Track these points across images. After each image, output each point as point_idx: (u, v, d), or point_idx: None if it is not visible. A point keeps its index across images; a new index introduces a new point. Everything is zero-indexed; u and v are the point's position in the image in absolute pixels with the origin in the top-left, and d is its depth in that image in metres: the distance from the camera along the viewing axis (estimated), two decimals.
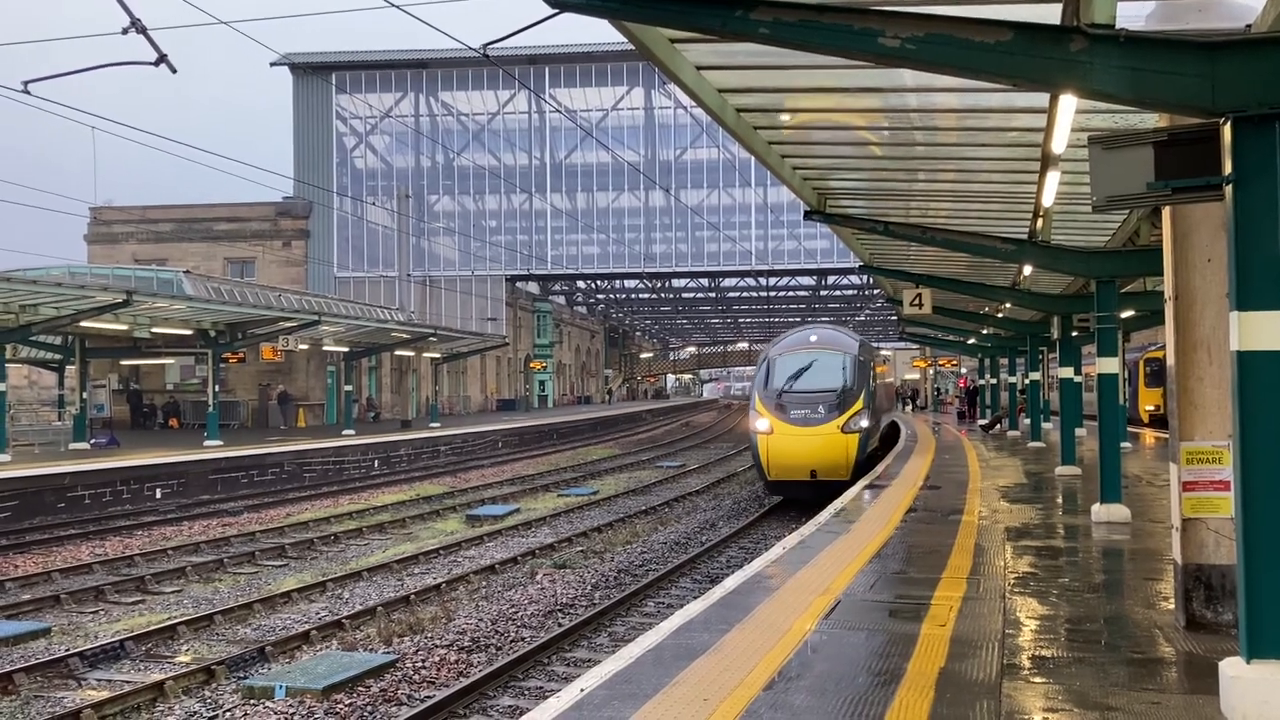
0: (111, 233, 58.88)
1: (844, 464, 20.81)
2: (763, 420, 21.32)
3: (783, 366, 22.42)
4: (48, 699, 9.76)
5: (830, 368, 22.11)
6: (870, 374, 23.06)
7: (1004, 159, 11.87)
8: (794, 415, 21.11)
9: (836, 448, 20.84)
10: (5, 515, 20.66)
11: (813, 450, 20.75)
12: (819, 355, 22.57)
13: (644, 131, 62.14)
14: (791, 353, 22.99)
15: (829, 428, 20.96)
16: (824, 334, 24.21)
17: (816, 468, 20.77)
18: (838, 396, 21.42)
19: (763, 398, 21.80)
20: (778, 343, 24.11)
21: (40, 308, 25.42)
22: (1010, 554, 10.02)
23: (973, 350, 44.30)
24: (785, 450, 20.95)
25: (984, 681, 5.68)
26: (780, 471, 21.14)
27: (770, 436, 21.04)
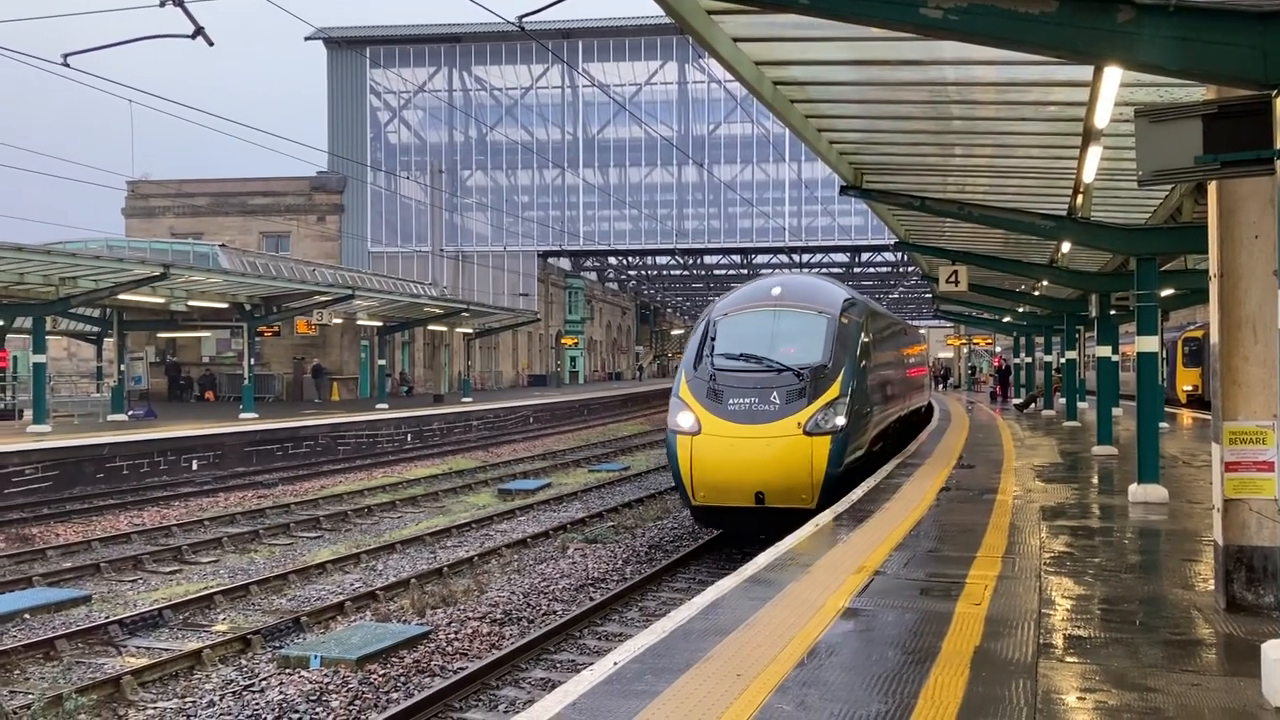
0: (149, 206, 59.37)
1: (805, 482, 13.34)
2: (685, 414, 13.93)
3: (727, 333, 14.78)
4: (88, 665, 9.91)
5: (797, 334, 14.58)
6: (862, 346, 15.33)
7: (1043, 133, 11.69)
8: (733, 407, 13.78)
9: (794, 457, 13.40)
10: (46, 485, 20.98)
11: (758, 460, 13.41)
12: (782, 315, 14.85)
13: (677, 106, 61.79)
14: (742, 311, 15.18)
15: (784, 426, 13.50)
16: (794, 284, 16.04)
17: (765, 488, 13.39)
18: (803, 378, 13.87)
19: (690, 381, 14.30)
20: (726, 297, 16.26)
21: (79, 280, 25.70)
22: (1045, 533, 9.94)
23: (1008, 328, 43.92)
24: (717, 460, 13.57)
25: (1020, 661, 5.63)
26: (710, 493, 13.72)
27: (696, 440, 13.68)
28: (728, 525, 14.58)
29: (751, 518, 13.74)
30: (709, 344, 14.69)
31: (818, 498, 13.23)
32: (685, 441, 13.72)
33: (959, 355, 70.53)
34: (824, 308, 15.00)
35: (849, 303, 15.68)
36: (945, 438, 21.71)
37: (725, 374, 14.12)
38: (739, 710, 4.85)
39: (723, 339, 14.72)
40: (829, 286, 16.53)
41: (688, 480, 13.78)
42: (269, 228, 59.11)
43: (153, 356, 43.60)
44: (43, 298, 26.31)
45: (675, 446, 13.83)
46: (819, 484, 13.34)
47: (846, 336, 14.71)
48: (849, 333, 14.88)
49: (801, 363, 14.09)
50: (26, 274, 24.30)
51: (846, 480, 13.89)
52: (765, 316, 14.86)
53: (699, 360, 14.53)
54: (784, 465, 13.31)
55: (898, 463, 16.54)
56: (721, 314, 15.24)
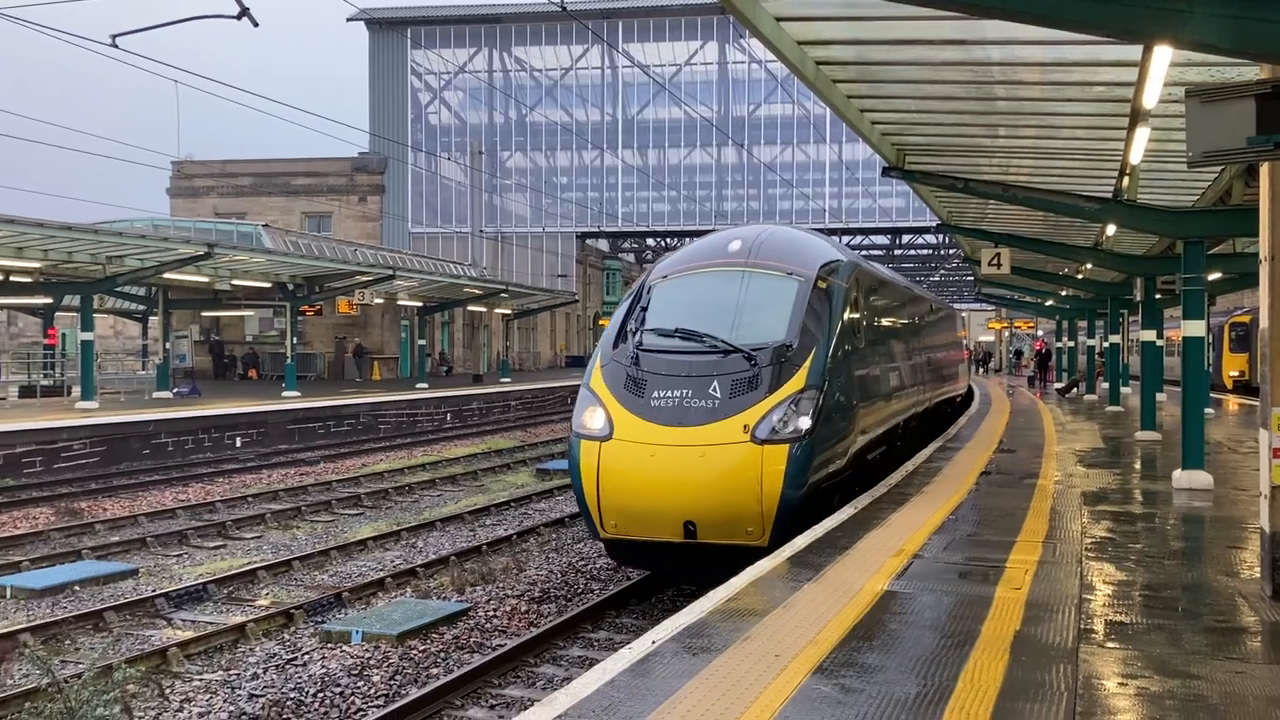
0: (193, 186, 60.02)
1: (751, 509, 9.65)
2: (594, 412, 10.33)
3: (664, 301, 11.19)
4: (136, 636, 10.11)
5: (756, 303, 10.87)
6: (850, 321, 11.61)
7: (1089, 114, 11.54)
8: (657, 402, 10.07)
9: (737, 474, 9.65)
10: (94, 460, 21.36)
11: (688, 478, 9.70)
12: (738, 278, 11.12)
13: (717, 87, 61.47)
14: (686, 272, 11.54)
15: (725, 429, 9.77)
16: (760, 238, 11.73)
17: (696, 516, 9.69)
18: (756, 363, 10.15)
19: (606, 366, 10.70)
20: (671, 255, 12.42)
21: (126, 259, 26.06)
22: (1087, 519, 9.86)
23: (1050, 312, 43.47)
24: (632, 476, 9.89)
25: (1060, 646, 5.60)
26: (624, 521, 10.04)
27: (605, 447, 10.03)
28: (653, 565, 10.80)
29: (681, 557, 9.95)
30: (638, 316, 11.04)
31: (770, 531, 9.46)
32: (591, 449, 9.98)
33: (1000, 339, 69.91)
34: (795, 268, 11.06)
35: (833, 264, 11.64)
36: (985, 422, 21.55)
37: (651, 356, 10.34)
38: (777, 690, 4.87)
39: (656, 309, 10.99)
40: (810, 242, 12.28)
41: (593, 503, 9.96)
42: (311, 208, 59.58)
43: (197, 335, 44.17)
44: (90, 276, 26.73)
45: (578, 455, 10.04)
46: (771, 512, 9.47)
47: (826, 307, 10.91)
48: (830, 303, 11.02)
49: (757, 341, 10.24)
50: (75, 253, 24.69)
51: (817, 505, 10.03)
52: (716, 279, 11.13)
53: (620, 337, 10.80)
54: (722, 485, 9.48)
55: (936, 446, 16.44)
56: (660, 276, 11.50)
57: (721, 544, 9.73)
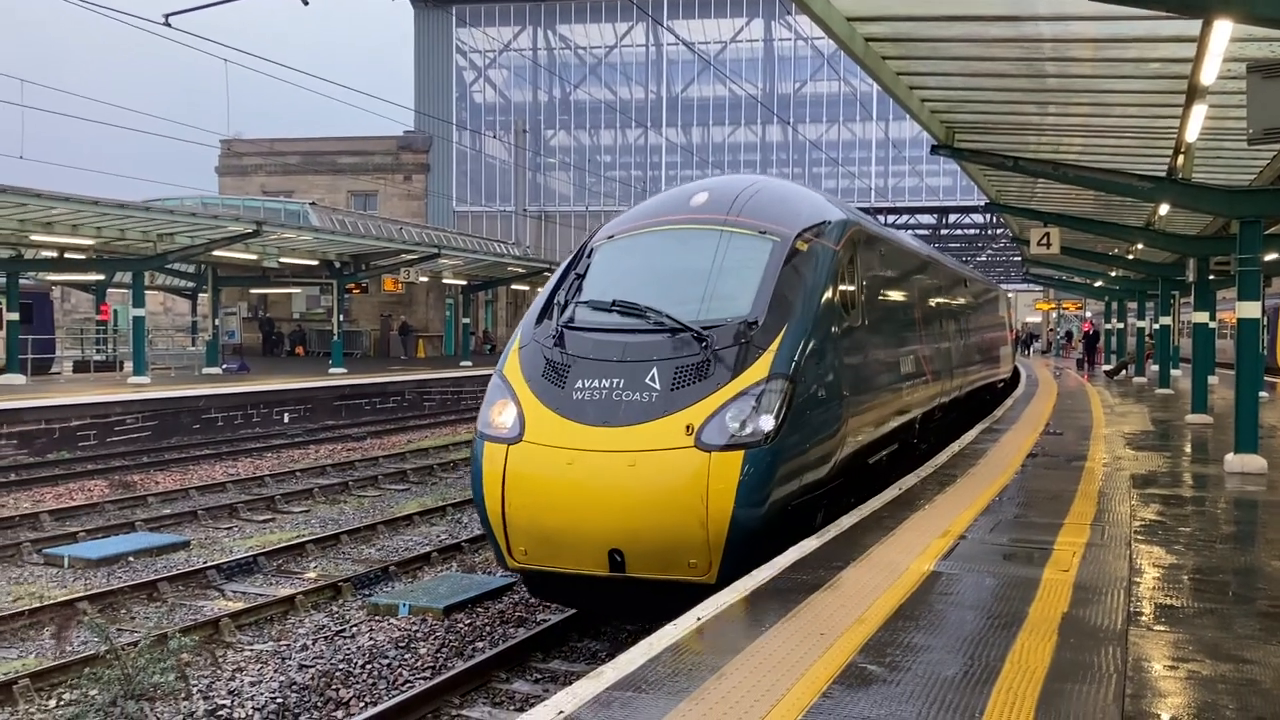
0: (241, 165, 60.68)
1: (695, 536, 7.55)
2: (503, 407, 8.27)
3: (605, 267, 9.20)
4: (189, 606, 10.32)
5: (717, 270, 8.71)
6: (841, 294, 9.42)
7: (1144, 91, 11.35)
8: (580, 394, 8.07)
9: (677, 489, 7.57)
10: (146, 434, 21.75)
11: (614, 492, 7.65)
12: (698, 238, 9.02)
13: (762, 64, 61.08)
14: (636, 232, 9.45)
15: (662, 430, 7.73)
16: (731, 190, 9.53)
17: (625, 543, 7.64)
18: (708, 345, 8.08)
19: (524, 349, 8.67)
20: (621, 217, 10.01)
21: (176, 236, 26.42)
22: (1136, 501, 9.75)
23: (1099, 293, 42.86)
24: (545, 490, 7.84)
25: (1109, 628, 5.56)
26: (536, 547, 7.97)
27: (513, 452, 7.98)
28: (579, 602, 8.69)
29: (611, 594, 7.97)
30: (571, 285, 9.01)
31: (718, 564, 7.46)
32: (496, 454, 7.92)
33: (1047, 320, 69.11)
34: (771, 226, 8.91)
35: (821, 223, 9.36)
36: (1032, 404, 21.34)
37: (577, 336, 8.36)
38: (822, 668, 4.88)
39: (594, 277, 8.99)
40: (796, 195, 10.04)
41: (497, 522, 7.92)
42: (357, 186, 60.04)
43: (245, 312, 44.76)
44: (141, 253, 27.13)
45: (480, 461, 8.01)
46: (719, 539, 7.41)
47: (807, 275, 8.76)
48: (813, 270, 8.86)
49: (713, 317, 8.21)
50: (127, 230, 25.06)
51: (787, 526, 7.95)
52: (670, 240, 9.07)
53: (546, 312, 8.79)
54: (656, 503, 7.45)
55: (982, 428, 16.31)
56: (605, 236, 9.48)
57: (657, 579, 7.61)
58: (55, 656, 8.80)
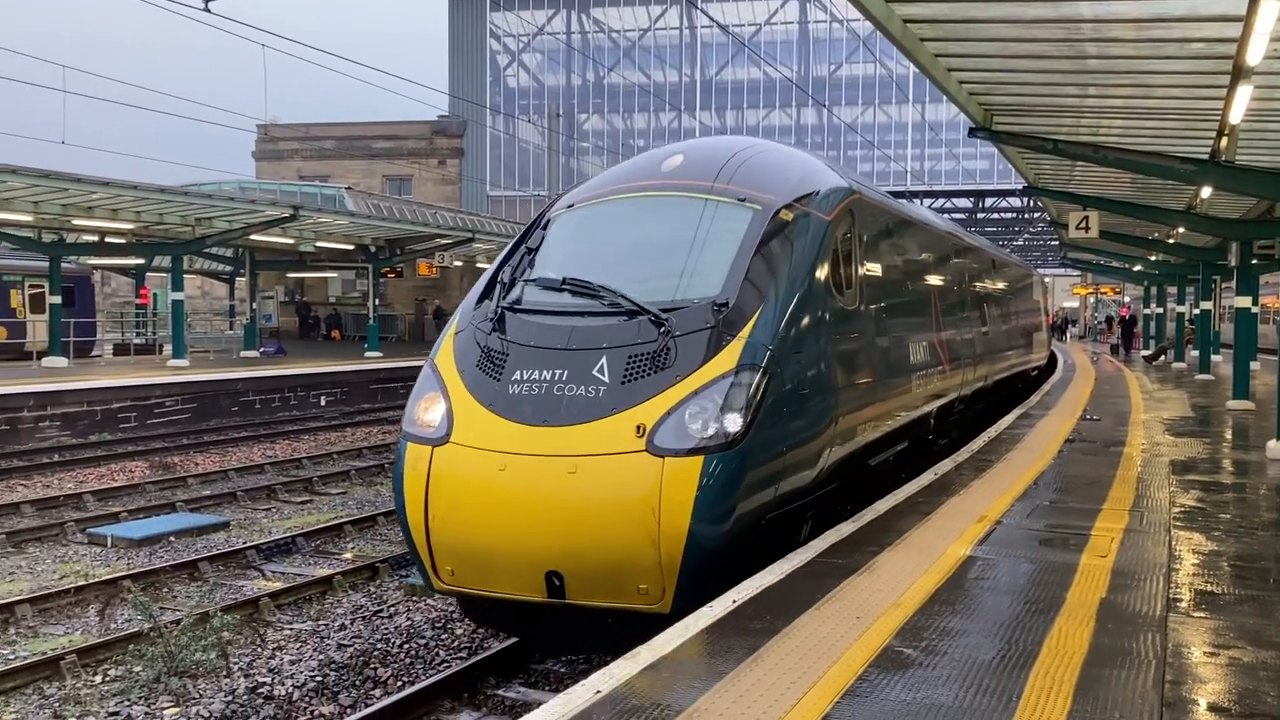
0: (277, 149, 61.13)
1: (645, 556, 6.37)
2: (433, 402, 7.27)
3: (561, 241, 8.21)
4: (229, 586, 10.47)
5: (686, 243, 7.58)
6: (830, 272, 8.14)
7: (1187, 72, 11.18)
8: (517, 388, 6.93)
9: (624, 501, 6.40)
10: (186, 416, 22.03)
11: (551, 505, 6.49)
12: (667, 207, 7.95)
13: (797, 46, 60.69)
14: (599, 200, 8.36)
15: (608, 432, 6.57)
16: (709, 154, 8.43)
17: (563, 564, 6.51)
18: (671, 331, 6.92)
19: (460, 335, 7.71)
20: (587, 183, 8.97)
21: (214, 221, 26.69)
22: (1175, 488, 9.66)
23: (1138, 277, 42.35)
24: (472, 500, 6.70)
25: (1148, 614, 5.53)
26: (464, 568, 6.85)
27: (439, 455, 6.86)
28: (521, 630, 7.56)
29: (552, 623, 6.98)
30: (521, 260, 8.02)
31: (672, 590, 6.38)
32: (420, 457, 6.89)
33: (1084, 305, 68.41)
34: (753, 193, 7.81)
35: (812, 192, 8.21)
36: (1069, 389, 21.15)
37: (518, 320, 7.33)
38: (859, 651, 4.89)
39: (547, 251, 8.00)
40: (786, 159, 8.79)
41: (420, 537, 6.90)
42: (392, 171, 60.32)
43: (282, 296, 45.16)
44: (180, 237, 27.43)
45: (402, 465, 7.00)
46: (673, 561, 6.33)
47: (791, 251, 7.65)
48: (800, 244, 7.74)
49: (675, 298, 7.13)
50: (166, 214, 25.35)
51: (758, 546, 6.80)
52: (635, 209, 7.99)
53: (488, 292, 7.79)
54: (600, 518, 6.38)
55: (1019, 413, 16.19)
56: (564, 206, 8.48)
57: (602, 607, 6.53)
58: (100, 633, 8.97)
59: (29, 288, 31.49)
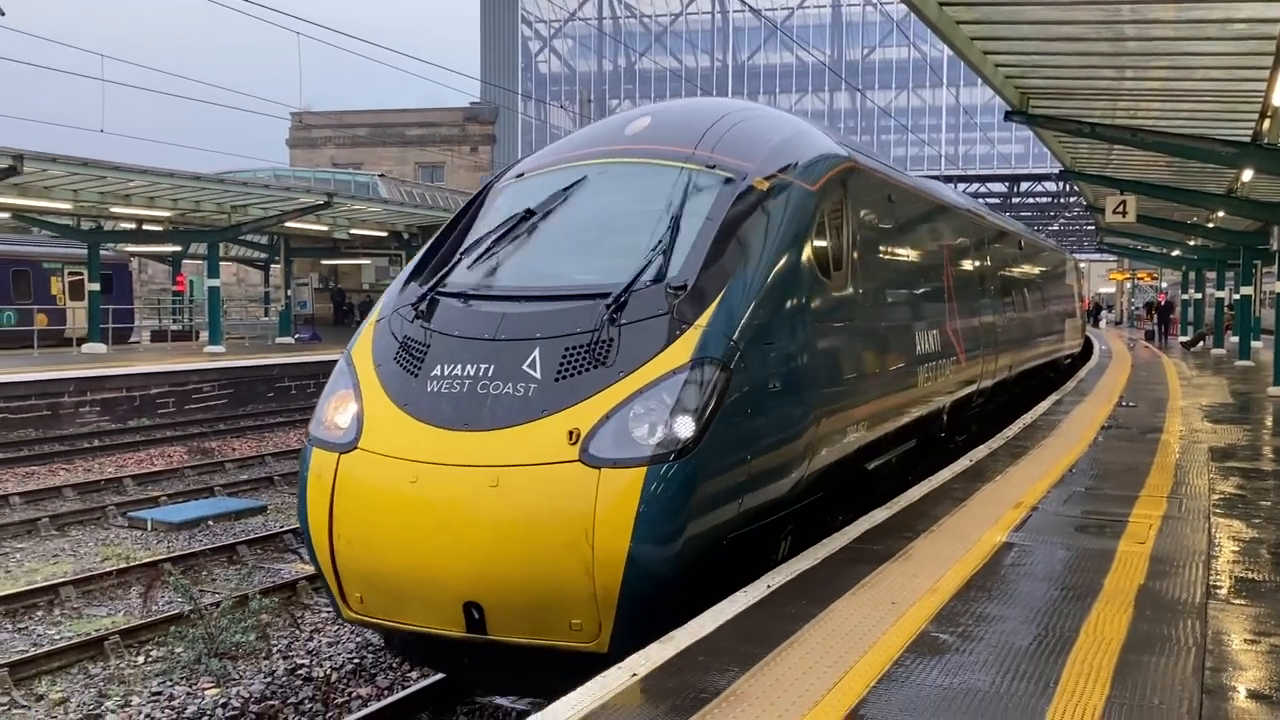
0: (311, 137, 61.51)
1: (578, 584, 5.40)
2: (343, 402, 6.19)
3: (506, 213, 7.01)
4: (267, 569, 10.60)
5: (647, 219, 6.50)
6: (816, 250, 7.04)
7: (1228, 53, 11.05)
8: (438, 383, 5.93)
9: (553, 520, 5.42)
10: (223, 402, 22.28)
11: (470, 525, 5.51)
12: (629, 177, 6.94)
13: (830, 30, 60.30)
14: (556, 169, 7.24)
15: (535, 438, 5.59)
16: (681, 116, 7.67)
17: (482, 594, 5.53)
18: (617, 319, 5.90)
19: (381, 324, 6.61)
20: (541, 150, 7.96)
21: (250, 208, 26.92)
22: (1214, 474, 9.56)
23: (1176, 263, 41.86)
24: (380, 517, 5.74)
25: (1187, 601, 5.49)
26: (373, 594, 5.87)
27: (344, 464, 5.88)
28: (446, 665, 6.62)
29: (477, 660, 6.04)
30: (455, 239, 7.15)
31: (610, 626, 5.49)
32: (324, 466, 5.99)
33: (1121, 290, 67.70)
34: (723, 159, 6.83)
35: (797, 159, 7.21)
36: (1105, 375, 20.97)
37: (444, 306, 6.43)
38: (894, 636, 4.89)
39: (488, 226, 7.04)
40: (765, 122, 7.67)
41: (325, 558, 5.97)
42: (424, 158, 60.54)
43: (316, 283, 45.48)
44: (216, 224, 27.69)
45: (306, 475, 6.09)
46: (610, 592, 5.44)
47: (766, 225, 6.63)
48: (777, 218, 6.72)
49: (625, 280, 6.10)
50: (202, 202, 25.59)
51: (718, 570, 5.90)
52: (589, 178, 7.00)
53: (416, 273, 6.95)
54: (527, 539, 5.48)
55: (1054, 400, 16.06)
56: (514, 175, 7.57)
57: (526, 644, 5.62)
58: (142, 615, 9.11)
59: (68, 275, 31.90)
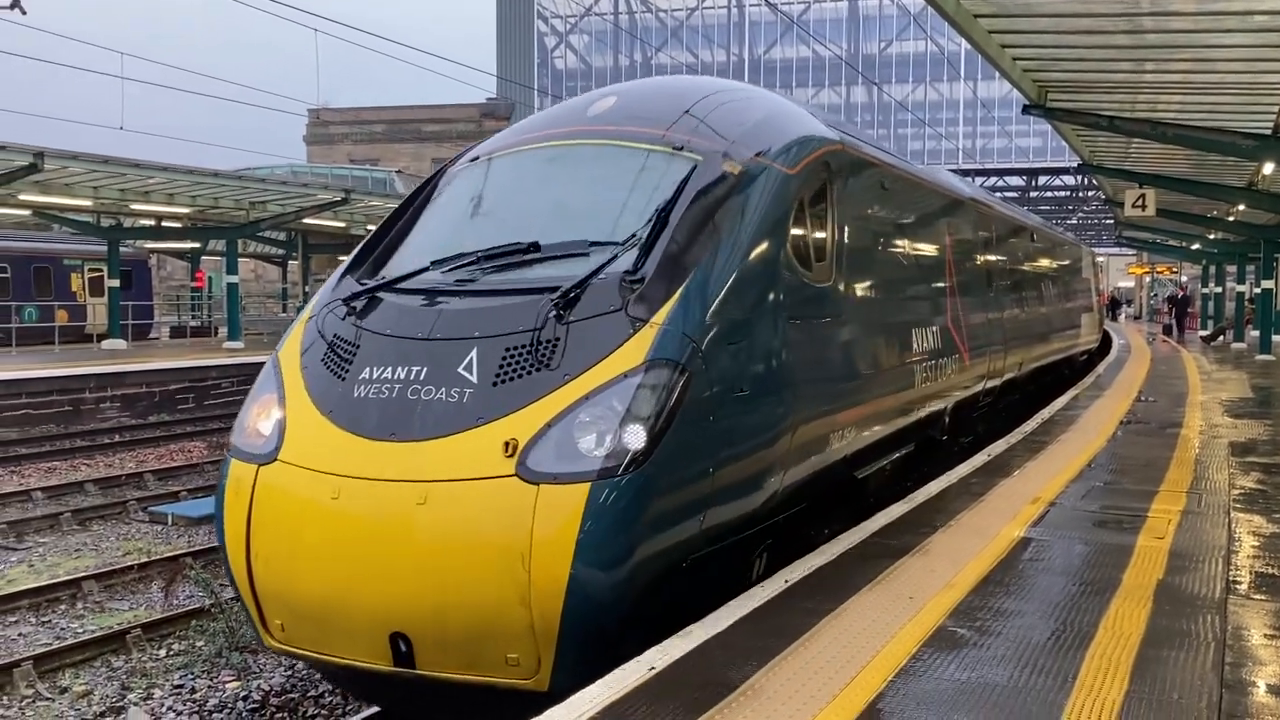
0: (328, 133, 61.75)
1: (513, 614, 4.78)
2: (267, 410, 5.66)
3: (455, 200, 6.68)
4: None
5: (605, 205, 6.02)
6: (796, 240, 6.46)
7: (1248, 45, 10.99)
8: (364, 387, 5.36)
9: (486, 542, 4.82)
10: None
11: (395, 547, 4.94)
12: (588, 160, 6.38)
13: (847, 24, 60.15)
14: (512, 152, 6.70)
15: (468, 450, 4.98)
16: (650, 95, 6.98)
17: (410, 624, 4.94)
18: (564, 316, 5.31)
19: (315, 320, 5.98)
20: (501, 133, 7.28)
21: (268, 205, 27.05)
22: (1234, 469, 9.52)
23: (1196, 256, 41.62)
24: (298, 536, 5.18)
25: (1206, 596, 5.47)
26: (295, 621, 5.28)
27: (262, 477, 5.36)
28: (375, 699, 6.44)
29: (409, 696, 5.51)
30: (398, 229, 6.69)
31: (552, 660, 4.90)
32: (242, 479, 5.47)
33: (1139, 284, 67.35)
34: (692, 140, 6.23)
35: (774, 141, 6.57)
36: (1124, 370, 20.87)
37: (376, 301, 5.88)
38: (912, 630, 4.89)
39: (435, 215, 6.66)
40: (741, 103, 6.95)
41: (243, 580, 5.43)
42: (441, 154, 60.64)
43: None
44: (234, 221, 27.83)
45: (224, 489, 5.56)
46: (549, 623, 4.83)
47: (737, 212, 5.98)
48: (749, 204, 6.07)
49: (576, 273, 5.56)
50: (220, 198, 25.72)
51: (679, 595, 5.39)
52: (546, 163, 6.52)
53: (354, 265, 6.44)
54: (457, 563, 4.89)
55: (1073, 394, 16.00)
56: (469, 159, 7.02)
57: (458, 680, 5.03)
58: (163, 609, 9.19)
59: (89, 272, 32.13)
